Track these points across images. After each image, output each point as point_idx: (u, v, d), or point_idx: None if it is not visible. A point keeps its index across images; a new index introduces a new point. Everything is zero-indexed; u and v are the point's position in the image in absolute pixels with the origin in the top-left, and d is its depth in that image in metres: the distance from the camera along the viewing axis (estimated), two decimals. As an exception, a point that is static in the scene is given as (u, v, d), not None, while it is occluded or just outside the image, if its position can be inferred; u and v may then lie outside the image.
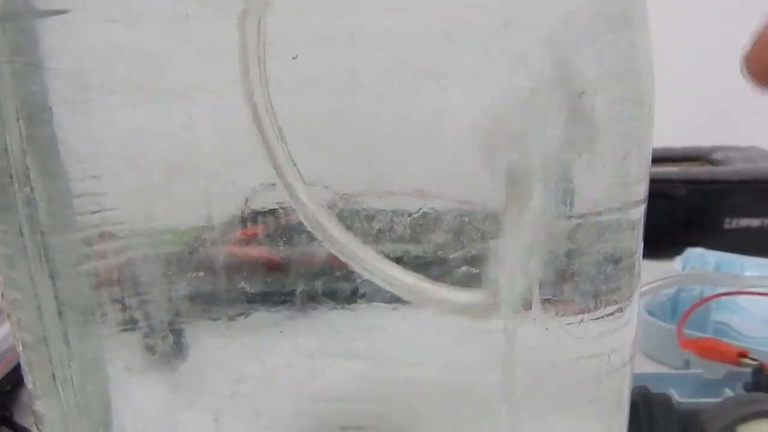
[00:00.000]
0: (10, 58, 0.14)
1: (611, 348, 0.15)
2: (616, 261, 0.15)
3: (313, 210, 0.14)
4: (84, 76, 0.14)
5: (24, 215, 0.15)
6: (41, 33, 0.14)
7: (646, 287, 0.34)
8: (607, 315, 0.15)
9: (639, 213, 0.15)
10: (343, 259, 0.14)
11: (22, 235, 0.15)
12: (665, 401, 0.23)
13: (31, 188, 0.15)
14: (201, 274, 0.15)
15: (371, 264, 0.14)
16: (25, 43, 0.14)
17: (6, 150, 0.15)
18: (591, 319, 0.15)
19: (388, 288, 0.14)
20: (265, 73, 0.13)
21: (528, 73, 0.13)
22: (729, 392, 0.24)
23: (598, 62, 0.13)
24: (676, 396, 0.23)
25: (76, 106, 0.15)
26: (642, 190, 0.15)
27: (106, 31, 0.14)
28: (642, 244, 0.16)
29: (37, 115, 0.15)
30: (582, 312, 0.15)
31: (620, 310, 0.15)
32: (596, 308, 0.15)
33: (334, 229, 0.14)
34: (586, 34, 0.13)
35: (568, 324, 0.15)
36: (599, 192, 0.14)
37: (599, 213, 0.14)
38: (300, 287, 0.15)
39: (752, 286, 0.33)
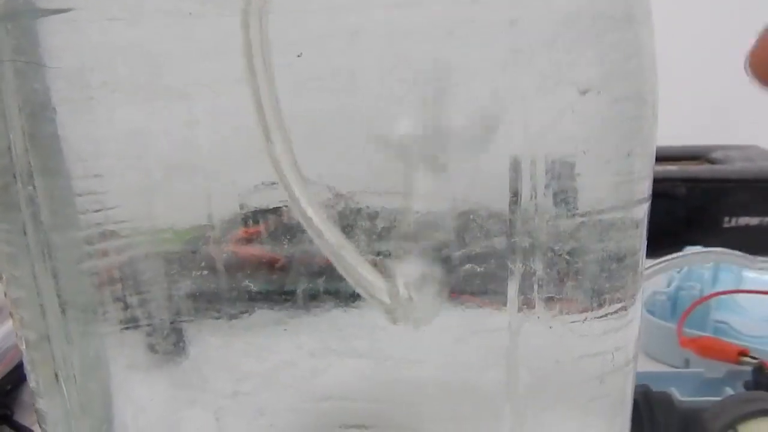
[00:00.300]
0: (12, 56, 0.14)
1: (615, 346, 0.15)
2: (620, 259, 0.15)
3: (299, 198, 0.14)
4: (86, 74, 0.14)
5: (27, 214, 0.15)
6: (43, 32, 0.14)
7: (658, 266, 0.34)
8: (611, 313, 0.15)
9: (642, 211, 0.15)
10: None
11: (25, 233, 0.15)
12: (666, 400, 0.23)
13: (34, 186, 0.15)
14: (203, 272, 0.15)
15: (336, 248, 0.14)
16: (27, 41, 0.14)
17: (9, 148, 0.15)
18: (595, 318, 0.15)
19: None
20: (272, 70, 0.13)
21: (531, 71, 0.13)
22: (730, 391, 0.24)
23: (601, 61, 0.13)
24: (677, 395, 0.23)
25: (77, 104, 0.15)
26: (646, 188, 0.15)
27: (108, 29, 0.14)
28: (645, 242, 0.16)
29: (39, 113, 0.15)
30: (586, 310, 0.15)
31: (624, 308, 0.15)
32: (600, 306, 0.15)
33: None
34: (589, 32, 0.13)
35: (571, 322, 0.15)
36: (603, 190, 0.14)
37: (603, 211, 0.14)
38: (302, 286, 0.15)
39: (762, 268, 0.33)
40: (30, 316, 0.16)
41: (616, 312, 0.15)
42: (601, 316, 0.15)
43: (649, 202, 0.15)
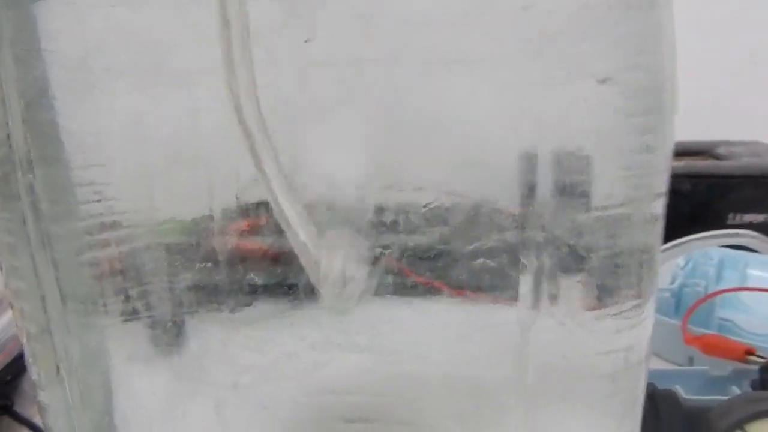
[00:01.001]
0: (12, 42, 0.14)
1: (628, 345, 0.15)
2: (635, 255, 0.14)
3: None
4: (87, 61, 0.14)
5: (27, 204, 0.15)
6: (44, 17, 0.14)
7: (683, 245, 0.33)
8: (625, 311, 0.15)
9: (660, 206, 0.15)
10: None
11: (25, 223, 0.15)
12: (671, 398, 0.23)
13: (34, 176, 0.15)
14: (204, 264, 0.15)
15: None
16: (27, 27, 0.14)
17: (9, 137, 0.15)
18: (608, 315, 0.15)
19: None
20: (250, 56, 0.12)
21: (545, 60, 0.13)
22: (735, 390, 0.24)
23: (619, 49, 0.13)
24: (682, 393, 0.23)
25: (78, 92, 0.14)
26: (663, 182, 0.15)
27: (110, 14, 0.14)
28: (661, 238, 0.15)
29: (39, 101, 0.14)
30: (599, 307, 0.14)
31: (638, 306, 0.15)
32: (614, 304, 0.15)
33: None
34: (607, 19, 0.13)
35: (584, 319, 0.14)
36: (619, 184, 0.14)
37: (619, 206, 0.14)
38: (304, 278, 0.14)
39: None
40: (31, 308, 0.16)
41: (630, 310, 0.15)
42: (614, 314, 0.15)
43: (666, 197, 0.15)
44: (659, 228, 0.15)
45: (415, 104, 0.14)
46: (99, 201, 0.15)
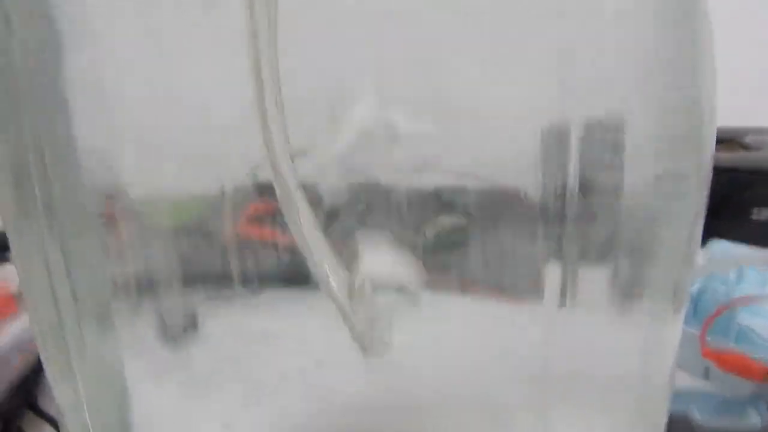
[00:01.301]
0: (21, 30, 0.14)
1: (654, 361, 0.14)
2: (670, 260, 0.14)
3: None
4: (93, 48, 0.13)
5: (40, 201, 0.15)
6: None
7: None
8: (654, 322, 0.14)
9: (700, 208, 0.14)
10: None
11: (37, 221, 0.15)
12: (685, 422, 0.22)
13: (45, 167, 0.14)
14: (216, 250, 0.15)
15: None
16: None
17: (20, 129, 0.14)
18: (633, 324, 0.14)
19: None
20: (275, 40, 0.12)
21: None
22: (753, 412, 0.24)
23: (653, 68, 0.12)
24: (697, 416, 0.23)
25: (85, 81, 0.14)
26: (706, 179, 0.14)
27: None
28: (699, 248, 0.14)
29: (48, 87, 0.14)
30: (624, 313, 0.14)
31: (668, 319, 0.14)
32: (640, 311, 0.14)
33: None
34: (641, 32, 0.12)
35: (607, 324, 0.14)
36: (655, 178, 0.13)
37: (654, 203, 0.13)
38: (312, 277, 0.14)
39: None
40: (43, 310, 0.16)
41: (659, 320, 0.14)
42: (640, 323, 0.14)
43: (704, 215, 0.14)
44: (698, 232, 0.14)
45: (431, 85, 0.13)
46: (106, 191, 0.15)
